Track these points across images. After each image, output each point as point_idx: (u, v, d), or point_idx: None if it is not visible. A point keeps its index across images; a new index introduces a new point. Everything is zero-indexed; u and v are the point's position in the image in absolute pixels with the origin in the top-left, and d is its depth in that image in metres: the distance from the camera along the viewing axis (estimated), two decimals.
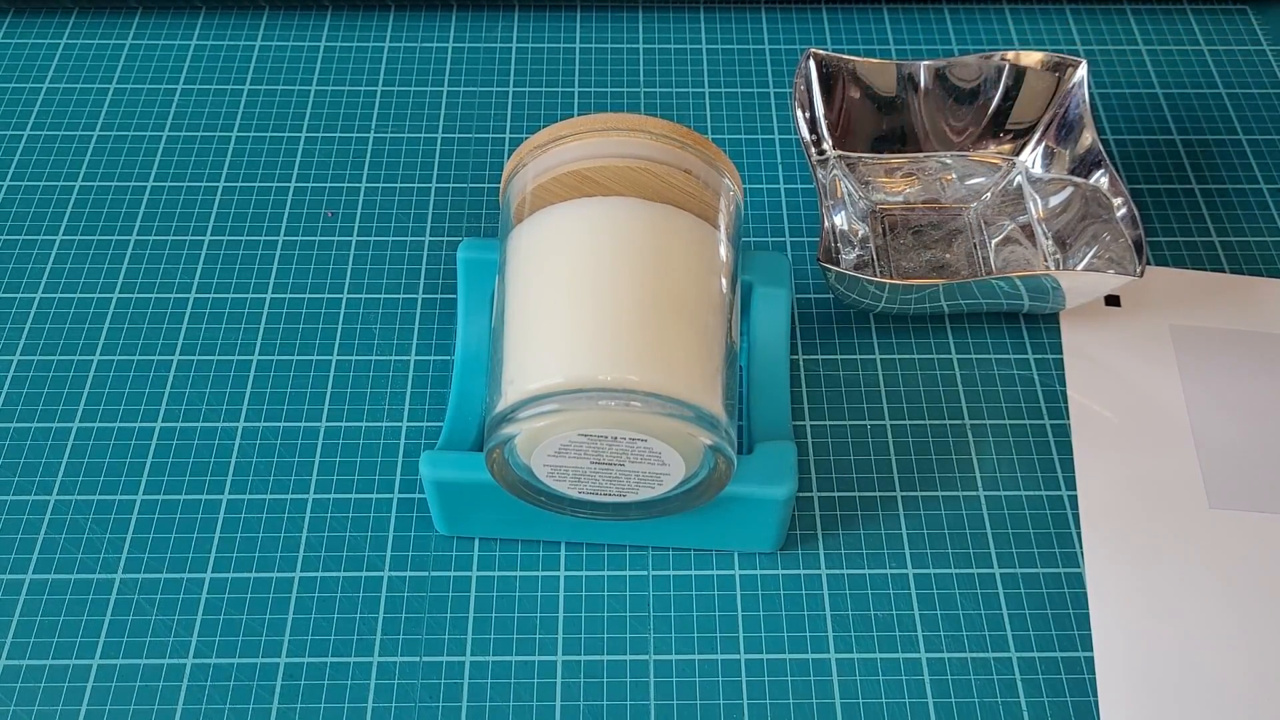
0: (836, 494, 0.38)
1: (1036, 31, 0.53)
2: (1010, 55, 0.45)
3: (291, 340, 0.42)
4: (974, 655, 0.35)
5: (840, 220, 0.44)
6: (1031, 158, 0.45)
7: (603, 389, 0.29)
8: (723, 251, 0.34)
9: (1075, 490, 0.38)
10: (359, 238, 0.45)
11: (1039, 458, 0.39)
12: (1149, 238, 0.42)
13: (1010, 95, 0.45)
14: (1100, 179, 0.42)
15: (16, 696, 0.34)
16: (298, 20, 0.53)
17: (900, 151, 0.46)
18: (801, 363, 0.41)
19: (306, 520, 0.37)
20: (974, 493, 0.38)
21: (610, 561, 0.37)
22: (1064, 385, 0.41)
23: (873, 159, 0.46)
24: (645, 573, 0.36)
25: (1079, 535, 0.37)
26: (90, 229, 0.45)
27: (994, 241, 0.44)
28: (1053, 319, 0.42)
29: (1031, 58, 0.45)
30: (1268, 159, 0.48)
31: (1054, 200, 0.44)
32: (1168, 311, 0.42)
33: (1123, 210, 0.41)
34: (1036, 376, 0.41)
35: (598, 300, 0.31)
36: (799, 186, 0.47)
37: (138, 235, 0.45)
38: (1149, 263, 0.44)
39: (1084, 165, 0.43)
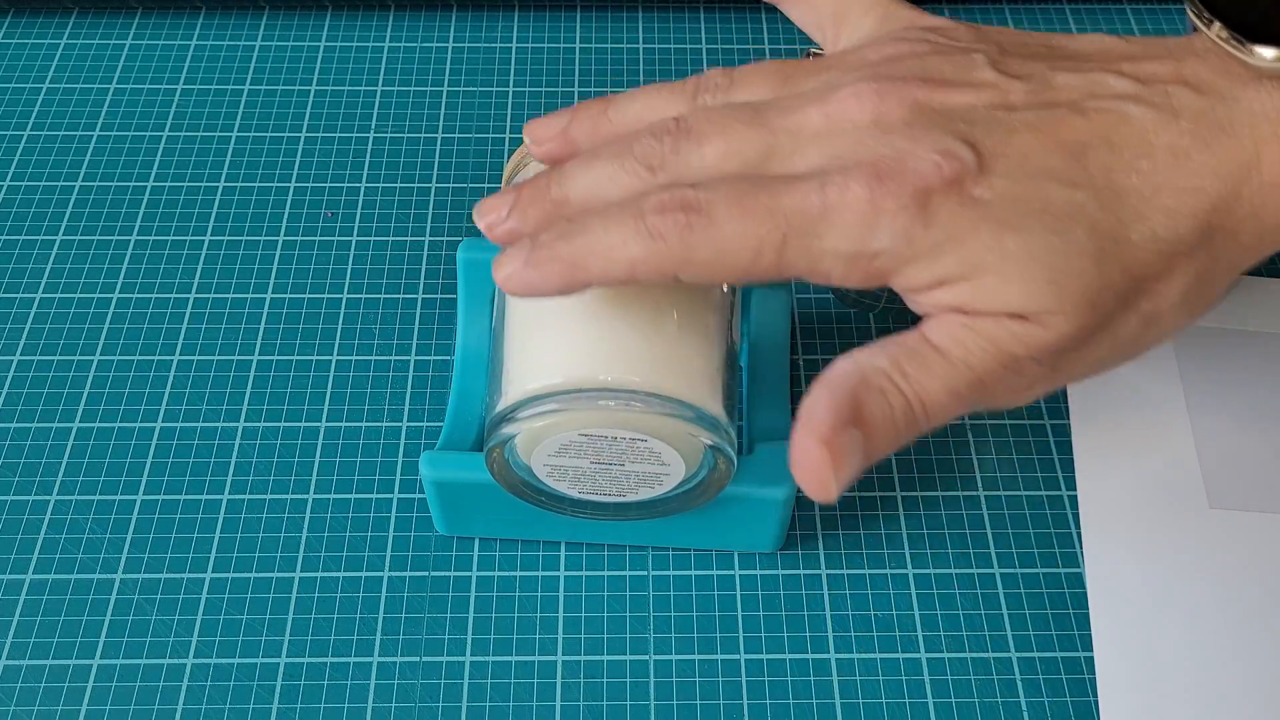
0: None
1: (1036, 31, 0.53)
2: None
3: (291, 340, 0.42)
4: (974, 655, 0.35)
5: None
6: None
7: (603, 389, 0.29)
8: None
9: (1075, 490, 0.38)
10: (359, 238, 0.45)
11: (1039, 458, 0.39)
12: None
13: None
14: None
15: (16, 696, 0.34)
16: (298, 20, 0.53)
17: None
18: (801, 363, 0.41)
19: (306, 520, 0.37)
20: (974, 493, 0.38)
21: (610, 561, 0.37)
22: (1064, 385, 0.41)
23: None
24: (645, 573, 0.36)
25: (1079, 535, 0.37)
26: (90, 229, 0.45)
27: None
28: None
29: None
30: None
31: None
32: None
33: None
34: None
35: (597, 300, 0.31)
36: None
37: (138, 235, 0.45)
38: None
39: None
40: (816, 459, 0.26)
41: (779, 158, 0.29)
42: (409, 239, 0.45)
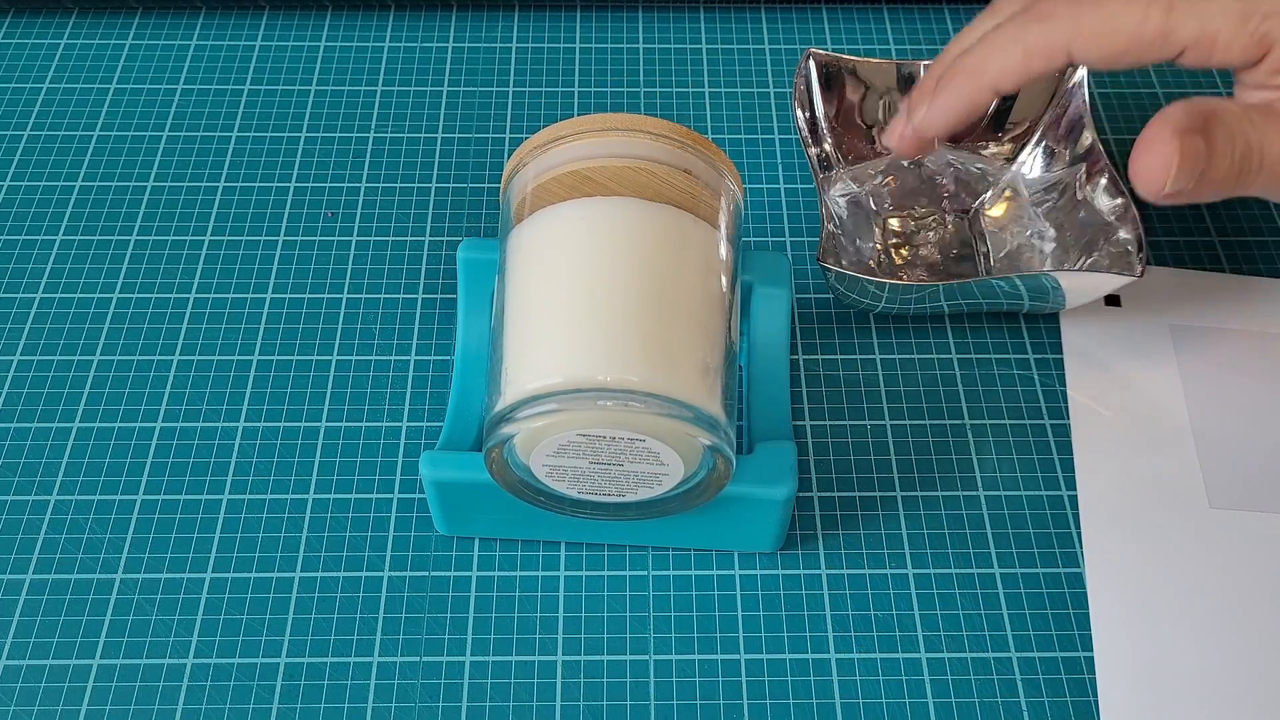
0: (836, 494, 0.38)
1: None
2: None
3: (291, 340, 0.42)
4: (974, 655, 0.35)
5: (840, 221, 0.44)
6: (1031, 157, 0.45)
7: (602, 389, 0.29)
8: (723, 251, 0.34)
9: (1075, 490, 0.38)
10: (359, 238, 0.45)
11: (1039, 458, 0.39)
12: (1149, 237, 0.42)
13: (1010, 95, 0.45)
14: (1100, 179, 0.42)
15: (16, 696, 0.34)
16: (298, 20, 0.53)
17: None
18: (801, 363, 0.41)
19: (306, 520, 0.37)
20: (974, 493, 0.38)
21: (610, 561, 0.37)
22: (1064, 385, 0.41)
23: (873, 159, 0.46)
24: (645, 573, 0.36)
25: (1079, 535, 0.37)
26: (90, 229, 0.45)
27: (994, 241, 0.44)
28: (1053, 319, 0.42)
29: None
30: None
31: (1053, 199, 0.43)
32: (1168, 311, 0.42)
33: (1122, 210, 0.41)
34: (1036, 376, 0.41)
35: (597, 300, 0.31)
36: (799, 186, 0.47)
37: (138, 235, 0.45)
38: (1149, 263, 0.44)
39: (1084, 165, 0.43)
40: (1166, 148, 0.29)
41: None
42: (409, 239, 0.45)
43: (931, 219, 0.44)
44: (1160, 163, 0.29)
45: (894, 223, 0.44)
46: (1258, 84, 0.32)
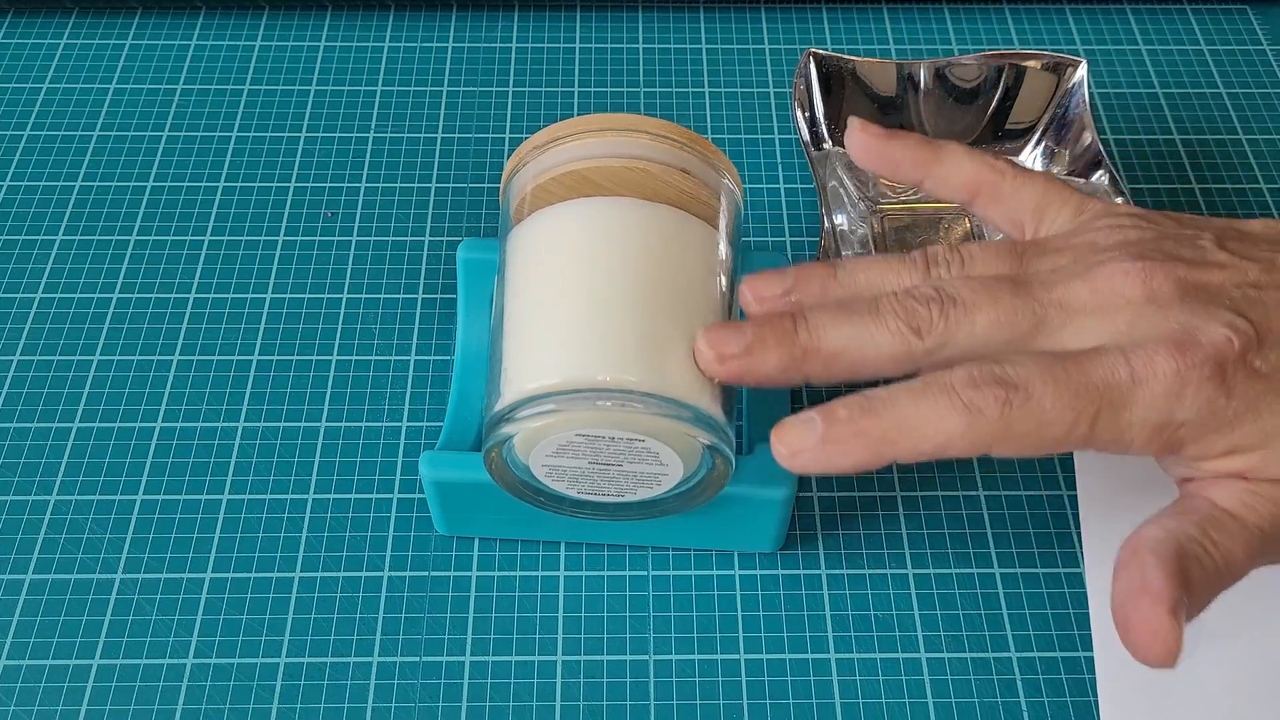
0: (836, 494, 0.38)
1: (1036, 31, 0.53)
2: (1010, 55, 0.45)
3: (291, 340, 0.42)
4: (974, 655, 0.35)
5: (840, 220, 0.44)
6: (1031, 158, 0.45)
7: (600, 389, 0.29)
8: (722, 251, 0.34)
9: (1075, 490, 0.38)
10: (359, 238, 0.45)
11: (1039, 458, 0.39)
12: None
13: (1010, 95, 0.45)
14: (1100, 179, 0.42)
15: (16, 696, 0.34)
16: (298, 20, 0.53)
17: None
18: None
19: (306, 520, 0.37)
20: (974, 493, 0.38)
21: (610, 561, 0.37)
22: None
23: None
24: (645, 573, 0.36)
25: (1079, 535, 0.37)
26: (90, 229, 0.45)
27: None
28: None
29: (1031, 58, 0.45)
30: (1268, 159, 0.48)
31: None
32: None
33: None
34: None
35: (596, 300, 0.31)
36: (799, 186, 0.47)
37: (138, 235, 0.45)
38: None
39: (1084, 165, 0.43)
40: (1170, 630, 0.27)
41: (1048, 330, 0.29)
42: (409, 239, 0.45)
43: (932, 218, 0.44)
44: (1168, 647, 0.27)
45: (894, 222, 0.44)
46: (1171, 464, 0.31)
